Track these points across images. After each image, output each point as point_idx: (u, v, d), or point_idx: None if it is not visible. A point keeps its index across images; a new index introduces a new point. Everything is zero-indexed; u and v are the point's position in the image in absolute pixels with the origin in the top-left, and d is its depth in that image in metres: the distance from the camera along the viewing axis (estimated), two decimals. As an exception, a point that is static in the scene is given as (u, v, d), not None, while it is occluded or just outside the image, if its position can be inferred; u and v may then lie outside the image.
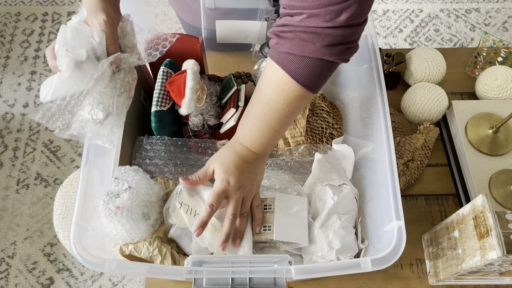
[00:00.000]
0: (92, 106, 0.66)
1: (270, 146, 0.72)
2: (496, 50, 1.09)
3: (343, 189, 0.78)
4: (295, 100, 0.65)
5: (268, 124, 0.68)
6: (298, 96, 0.65)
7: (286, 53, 0.62)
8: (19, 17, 2.14)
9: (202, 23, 0.99)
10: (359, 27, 0.61)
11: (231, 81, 0.91)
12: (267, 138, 0.70)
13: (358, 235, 0.78)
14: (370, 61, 0.82)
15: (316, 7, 0.57)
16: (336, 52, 0.61)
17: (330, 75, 0.66)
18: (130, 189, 0.72)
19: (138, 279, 1.57)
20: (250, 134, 0.70)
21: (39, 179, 1.75)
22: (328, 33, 0.59)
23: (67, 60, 0.62)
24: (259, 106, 0.68)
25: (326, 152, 0.86)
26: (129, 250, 0.72)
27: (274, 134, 0.70)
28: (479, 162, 0.90)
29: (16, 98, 1.92)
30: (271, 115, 0.67)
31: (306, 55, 0.61)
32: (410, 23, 2.13)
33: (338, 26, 0.58)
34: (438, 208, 0.92)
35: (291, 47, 0.61)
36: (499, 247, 0.61)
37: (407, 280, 0.83)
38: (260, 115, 0.68)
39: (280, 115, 0.67)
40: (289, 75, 0.63)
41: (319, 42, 0.60)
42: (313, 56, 0.61)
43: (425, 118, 0.97)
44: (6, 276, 1.57)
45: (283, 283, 0.66)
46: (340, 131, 0.91)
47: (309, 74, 0.63)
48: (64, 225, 1.12)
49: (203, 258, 0.66)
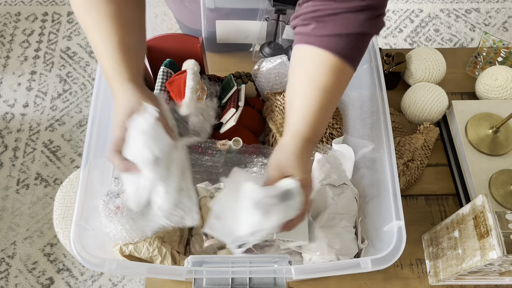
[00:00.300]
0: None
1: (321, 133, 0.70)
2: (496, 50, 1.09)
3: (343, 189, 0.78)
4: (345, 78, 0.66)
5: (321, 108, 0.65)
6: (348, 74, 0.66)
7: (328, 35, 0.63)
8: (19, 17, 2.14)
9: (202, 23, 0.99)
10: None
11: (231, 81, 0.90)
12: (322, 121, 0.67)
13: (358, 235, 0.78)
14: (370, 61, 0.82)
15: None
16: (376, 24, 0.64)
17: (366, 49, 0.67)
18: (130, 189, 0.72)
19: (138, 279, 1.57)
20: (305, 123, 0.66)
21: (39, 179, 1.75)
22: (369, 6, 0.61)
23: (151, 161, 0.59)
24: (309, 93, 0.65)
25: (326, 152, 0.86)
26: (129, 250, 0.72)
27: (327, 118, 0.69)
28: (479, 162, 0.90)
29: (16, 98, 1.92)
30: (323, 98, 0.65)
31: (352, 31, 0.62)
32: (410, 23, 2.13)
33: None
34: (438, 208, 0.92)
35: (334, 28, 0.62)
36: (499, 247, 0.61)
37: (407, 280, 0.83)
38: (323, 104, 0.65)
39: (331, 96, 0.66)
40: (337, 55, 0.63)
41: (361, 17, 0.62)
42: (357, 31, 0.62)
43: (425, 118, 0.97)
44: (6, 276, 1.57)
45: (283, 283, 0.66)
46: (340, 131, 0.91)
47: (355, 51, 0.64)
48: (64, 225, 1.12)
49: (203, 258, 0.66)
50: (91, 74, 1.98)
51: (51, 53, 2.03)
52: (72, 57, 2.02)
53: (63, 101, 1.92)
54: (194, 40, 0.90)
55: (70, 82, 1.96)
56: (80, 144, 1.82)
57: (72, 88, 1.95)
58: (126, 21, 0.66)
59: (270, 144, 0.90)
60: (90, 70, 2.00)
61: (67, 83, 1.96)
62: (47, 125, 1.86)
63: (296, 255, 0.77)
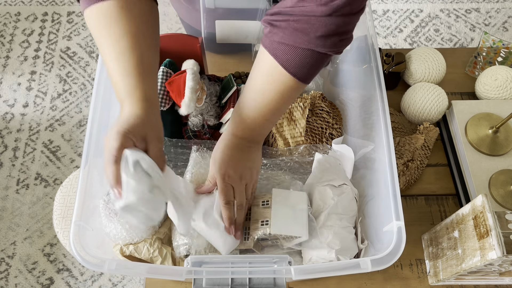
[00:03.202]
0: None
1: (263, 135, 0.73)
2: (496, 50, 1.09)
3: (343, 190, 0.78)
4: (287, 90, 0.65)
5: (261, 114, 0.68)
6: (290, 87, 0.64)
7: (278, 42, 0.61)
8: (19, 17, 2.13)
9: (202, 23, 0.99)
10: (355, 16, 0.59)
11: (231, 81, 0.90)
12: (260, 127, 0.70)
13: (358, 236, 0.78)
14: (370, 61, 0.81)
15: None
16: (329, 44, 0.60)
17: (322, 66, 0.65)
18: (130, 189, 0.72)
19: (138, 279, 1.57)
20: (243, 123, 0.70)
21: (39, 179, 1.74)
22: (322, 23, 0.57)
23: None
24: (252, 97, 0.68)
25: (326, 152, 0.86)
26: (130, 251, 0.72)
27: (267, 123, 0.70)
28: (479, 162, 0.90)
29: (16, 98, 1.92)
30: (264, 105, 0.67)
31: (299, 45, 0.60)
32: (410, 23, 2.13)
33: (332, 14, 0.56)
34: (438, 208, 0.91)
35: (284, 37, 0.60)
36: (499, 247, 0.61)
37: (407, 280, 0.83)
38: (252, 105, 0.68)
39: (272, 105, 0.67)
40: (281, 65, 0.62)
41: (312, 33, 0.58)
42: (305, 47, 0.60)
43: (425, 118, 0.97)
44: (6, 276, 1.57)
45: (282, 283, 0.66)
46: (340, 131, 0.90)
47: (301, 65, 0.62)
48: (64, 225, 1.12)
49: (203, 259, 0.66)
50: (91, 74, 1.98)
51: (51, 53, 2.03)
52: (72, 57, 2.02)
53: (63, 101, 1.92)
54: (194, 40, 0.90)
55: (70, 82, 1.96)
56: (80, 144, 1.82)
57: (72, 88, 1.95)
58: (145, 40, 0.64)
59: (269, 144, 0.90)
60: (90, 70, 2.00)
61: (67, 83, 1.96)
62: (47, 125, 1.86)
63: (296, 256, 0.77)
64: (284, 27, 0.60)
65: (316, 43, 0.59)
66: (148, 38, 0.64)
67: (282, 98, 0.66)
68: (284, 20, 0.60)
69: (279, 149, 0.88)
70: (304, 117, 0.88)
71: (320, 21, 0.57)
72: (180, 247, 0.74)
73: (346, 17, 0.57)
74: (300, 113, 0.89)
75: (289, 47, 0.61)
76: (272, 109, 0.68)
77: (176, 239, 0.75)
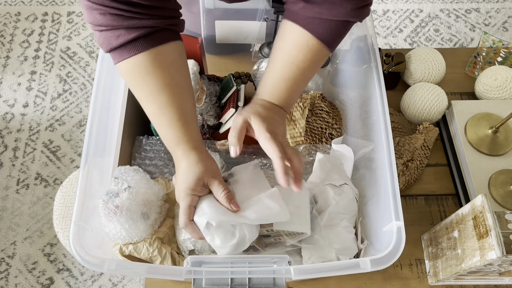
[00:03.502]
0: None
1: (293, 102, 0.75)
2: (495, 50, 1.09)
3: (344, 189, 0.78)
4: (320, 58, 0.71)
5: (296, 83, 0.71)
6: (323, 55, 0.70)
7: (313, 17, 0.66)
8: (19, 17, 2.14)
9: (202, 23, 0.99)
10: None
11: (231, 81, 0.91)
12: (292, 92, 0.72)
13: (358, 235, 0.78)
14: (369, 61, 0.82)
15: None
16: (361, 14, 0.67)
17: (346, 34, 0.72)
18: (129, 188, 0.72)
19: (138, 279, 1.57)
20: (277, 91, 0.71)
21: (39, 179, 1.75)
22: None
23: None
24: (287, 67, 0.70)
25: (326, 152, 0.86)
26: (129, 251, 0.72)
27: (299, 91, 0.74)
28: (479, 162, 0.90)
29: (16, 98, 1.92)
30: (299, 74, 0.70)
31: (336, 18, 0.66)
32: (410, 23, 2.13)
33: None
34: (437, 208, 0.92)
35: (320, 11, 0.65)
36: (498, 247, 0.61)
37: (407, 280, 0.83)
38: (288, 75, 0.70)
39: (307, 74, 0.72)
40: (317, 38, 0.67)
41: (349, 5, 0.64)
42: (342, 19, 0.66)
43: (424, 118, 0.97)
44: (6, 276, 1.58)
45: (282, 283, 0.66)
46: (339, 131, 0.90)
47: (336, 35, 0.69)
48: (64, 225, 1.12)
49: (202, 259, 0.66)
50: (91, 74, 1.98)
51: (51, 53, 2.03)
52: (72, 57, 2.02)
53: (63, 101, 1.92)
54: (194, 40, 0.90)
55: (70, 82, 1.96)
56: (80, 144, 1.82)
57: (72, 88, 1.95)
58: (181, 89, 0.67)
59: (269, 144, 0.90)
60: (90, 70, 2.00)
61: (67, 83, 1.96)
62: (47, 125, 1.86)
63: (295, 255, 0.77)
64: (321, 2, 0.65)
65: (352, 14, 0.66)
66: (183, 85, 0.68)
67: (314, 66, 0.71)
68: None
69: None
70: (303, 117, 0.88)
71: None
72: (186, 242, 0.74)
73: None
74: (300, 113, 0.89)
75: (326, 21, 0.66)
76: (306, 77, 0.72)
77: (181, 234, 0.75)
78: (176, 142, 0.66)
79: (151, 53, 0.63)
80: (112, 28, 0.61)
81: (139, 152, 0.85)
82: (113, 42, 0.62)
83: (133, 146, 0.86)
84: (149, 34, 0.63)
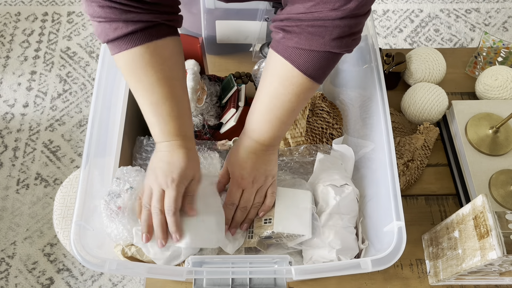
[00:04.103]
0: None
1: (279, 138, 0.74)
2: (496, 50, 1.09)
3: (345, 190, 0.78)
4: (303, 92, 0.68)
5: (278, 117, 0.70)
6: (307, 88, 0.67)
7: (293, 47, 0.64)
8: (19, 17, 2.13)
9: (202, 23, 0.99)
10: (364, 17, 0.62)
11: (231, 81, 0.91)
12: (277, 130, 0.72)
13: (358, 236, 0.78)
14: (370, 61, 0.82)
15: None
16: (343, 44, 0.63)
17: (334, 65, 0.68)
18: (131, 189, 0.72)
19: (138, 279, 1.57)
20: (259, 127, 0.71)
21: (39, 179, 1.75)
22: (336, 25, 0.60)
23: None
24: (267, 100, 0.69)
25: (328, 152, 0.86)
26: (132, 253, 0.72)
27: (283, 126, 0.72)
28: (479, 162, 0.90)
29: (16, 98, 1.92)
30: (280, 108, 0.69)
31: (315, 48, 0.63)
32: (410, 23, 2.13)
33: (346, 16, 0.59)
34: (438, 208, 0.92)
35: (299, 42, 0.63)
36: (499, 247, 0.61)
37: (407, 280, 0.83)
38: (268, 109, 0.70)
39: (289, 107, 0.69)
40: (297, 69, 0.64)
41: (327, 36, 0.61)
42: (321, 49, 0.63)
43: (425, 118, 0.97)
44: (6, 276, 1.57)
45: (283, 283, 0.66)
46: (340, 131, 0.91)
47: (318, 67, 0.65)
48: (64, 225, 1.12)
49: (203, 259, 0.66)
50: (91, 74, 1.98)
51: (51, 53, 2.03)
52: (72, 57, 2.02)
53: (63, 101, 1.92)
54: (194, 40, 0.90)
55: (70, 82, 1.96)
56: (80, 144, 1.82)
57: (72, 88, 1.95)
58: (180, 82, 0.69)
59: (270, 144, 0.90)
60: (90, 70, 2.00)
61: (67, 83, 1.96)
62: (47, 125, 1.86)
63: (296, 256, 0.77)
64: (299, 32, 0.62)
65: (331, 45, 0.62)
66: (180, 79, 0.69)
67: (298, 100, 0.69)
68: (297, 26, 0.62)
69: (279, 149, 0.88)
70: (304, 117, 0.88)
71: (334, 24, 0.60)
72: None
73: (357, 18, 0.60)
74: (301, 113, 0.89)
75: (305, 51, 0.63)
76: (289, 111, 0.70)
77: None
78: (175, 133, 0.68)
79: (149, 47, 0.64)
80: (110, 20, 0.61)
81: (140, 153, 0.85)
82: (111, 34, 0.62)
83: (134, 147, 0.86)
84: (147, 28, 0.63)
